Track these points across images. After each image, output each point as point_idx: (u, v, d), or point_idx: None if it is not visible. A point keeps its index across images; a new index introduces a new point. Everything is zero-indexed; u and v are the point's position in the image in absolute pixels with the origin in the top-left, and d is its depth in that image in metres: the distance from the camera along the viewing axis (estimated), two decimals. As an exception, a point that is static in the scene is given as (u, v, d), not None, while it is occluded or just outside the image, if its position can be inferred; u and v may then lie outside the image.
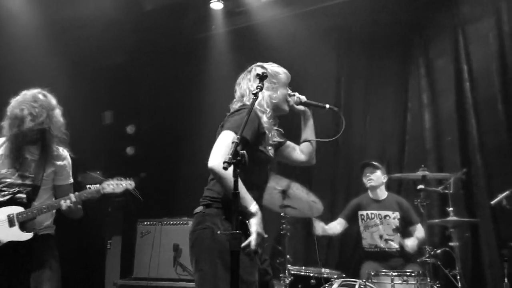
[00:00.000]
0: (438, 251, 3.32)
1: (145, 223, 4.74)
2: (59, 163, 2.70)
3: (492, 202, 3.67)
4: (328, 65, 5.47)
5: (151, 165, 5.92)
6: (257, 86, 1.96)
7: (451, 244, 3.46)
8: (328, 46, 5.42)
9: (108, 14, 4.98)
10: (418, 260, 3.38)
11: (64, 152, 2.74)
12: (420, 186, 3.40)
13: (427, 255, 3.15)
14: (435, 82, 4.86)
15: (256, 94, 1.92)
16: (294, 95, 2.38)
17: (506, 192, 3.58)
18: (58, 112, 2.70)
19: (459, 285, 3.25)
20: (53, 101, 2.72)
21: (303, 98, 2.36)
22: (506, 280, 3.43)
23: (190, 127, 5.97)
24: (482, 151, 4.44)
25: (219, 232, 1.88)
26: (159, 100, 6.24)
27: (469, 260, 4.18)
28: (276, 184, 3.54)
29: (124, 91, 6.08)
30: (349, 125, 5.26)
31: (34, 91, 2.69)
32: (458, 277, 3.31)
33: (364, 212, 3.99)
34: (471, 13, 4.76)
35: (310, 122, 2.39)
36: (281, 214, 3.57)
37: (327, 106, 2.19)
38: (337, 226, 4.07)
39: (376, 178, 3.97)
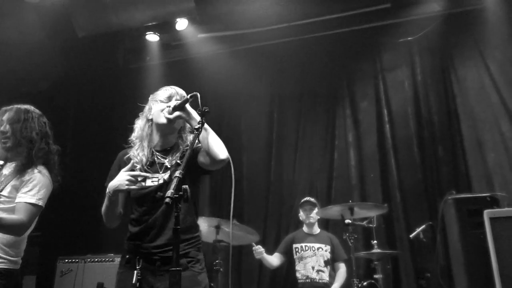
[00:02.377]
0: (365, 283, 3.48)
1: (66, 260, 4.38)
2: None
3: (411, 236, 3.97)
4: (261, 101, 5.66)
5: (74, 196, 5.57)
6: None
7: (375, 276, 3.65)
8: (262, 83, 5.63)
9: (35, 38, 4.74)
10: (346, 293, 3.52)
11: None
12: (348, 221, 3.57)
13: (354, 287, 3.29)
14: (360, 122, 5.23)
15: (198, 129, 1.94)
16: (168, 106, 2.22)
17: (423, 226, 3.91)
18: None
19: (383, 315, 3.42)
20: None
21: (172, 103, 2.22)
22: (424, 309, 3.67)
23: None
24: (401, 188, 4.81)
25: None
26: (85, 129, 5.98)
27: (391, 291, 4.42)
28: (208, 222, 3.54)
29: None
30: (280, 162, 5.44)
31: None
32: (384, 308, 3.48)
33: (299, 245, 4.10)
34: (390, 62, 5.28)
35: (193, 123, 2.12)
36: (216, 247, 3.53)
37: (188, 96, 2.06)
38: (274, 259, 4.11)
39: (314, 215, 4.13)
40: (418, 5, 5.00)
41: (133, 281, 1.90)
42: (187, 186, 1.64)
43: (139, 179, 2.02)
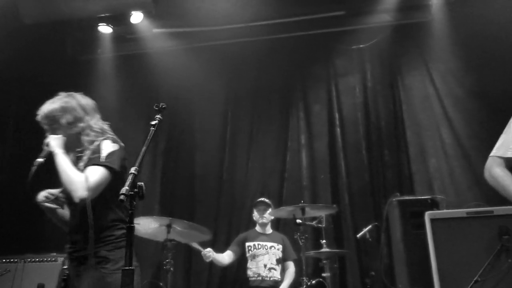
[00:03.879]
0: (313, 281, 3.57)
1: (3, 260, 4.12)
2: None
3: (358, 235, 4.13)
4: (216, 100, 5.64)
5: (13, 191, 5.25)
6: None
7: (323, 274, 3.75)
8: (217, 82, 5.60)
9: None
10: (295, 291, 3.59)
11: None
12: (299, 221, 3.64)
13: (304, 286, 3.36)
14: (312, 125, 5.35)
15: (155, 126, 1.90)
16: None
17: (369, 227, 4.07)
18: None
19: (330, 313, 3.52)
20: None
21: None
22: (368, 306, 3.82)
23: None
24: (349, 190, 4.98)
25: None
26: (27, 122, 5.65)
27: (337, 289, 4.55)
28: (159, 221, 3.48)
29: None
30: (233, 161, 5.45)
31: None
32: (329, 305, 3.59)
33: (252, 243, 4.11)
34: (343, 68, 5.45)
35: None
36: (165, 247, 3.46)
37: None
38: (225, 257, 4.10)
39: (268, 216, 4.16)
40: (371, 14, 5.20)
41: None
42: (142, 183, 1.61)
43: (51, 197, 2.07)
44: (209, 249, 3.85)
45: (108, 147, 2.03)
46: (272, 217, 4.21)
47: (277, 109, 5.54)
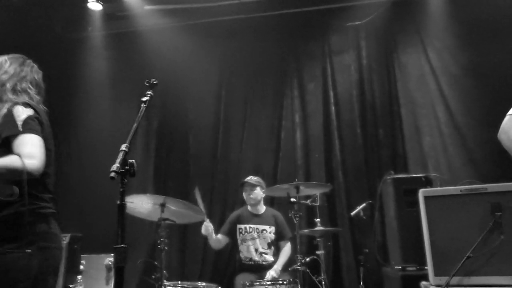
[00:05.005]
0: (308, 259, 3.59)
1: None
2: None
3: (351, 213, 4.15)
4: (209, 78, 5.56)
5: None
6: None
7: (317, 252, 3.78)
8: (210, 61, 5.52)
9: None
10: (289, 269, 3.60)
11: None
12: (293, 199, 3.63)
13: (298, 264, 3.38)
14: (307, 103, 5.31)
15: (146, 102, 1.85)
16: None
17: (363, 205, 4.09)
18: None
19: (323, 289, 3.57)
20: None
21: None
22: (361, 283, 3.86)
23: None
24: (343, 169, 4.98)
25: None
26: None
27: (330, 266, 4.60)
28: (153, 200, 3.45)
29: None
30: (227, 140, 5.42)
31: None
32: (323, 282, 3.62)
33: (243, 226, 4.09)
34: (338, 45, 5.37)
35: None
36: (159, 226, 3.45)
37: None
38: (221, 240, 4.10)
39: (255, 196, 4.10)
40: (367, -10, 5.11)
41: None
42: (133, 160, 1.57)
43: None
44: (208, 223, 3.82)
45: (21, 112, 1.86)
46: (263, 195, 4.15)
47: (271, 87, 5.49)
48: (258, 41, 5.44)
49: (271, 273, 3.71)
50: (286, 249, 3.99)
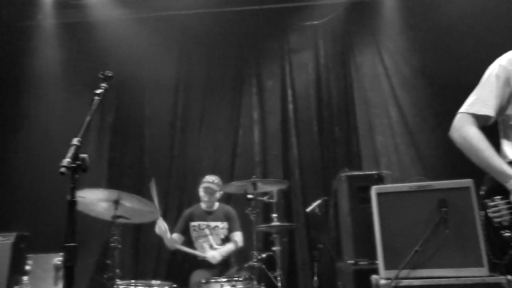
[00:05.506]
0: (264, 255, 3.62)
1: None
2: None
3: (307, 210, 4.22)
4: (167, 73, 5.46)
5: None
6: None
7: (273, 248, 3.81)
8: (168, 55, 5.41)
9: None
10: (245, 265, 3.61)
11: None
12: (250, 196, 3.64)
13: (254, 260, 3.39)
14: (265, 101, 5.35)
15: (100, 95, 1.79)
16: None
17: (318, 201, 4.17)
18: None
19: (279, 285, 3.59)
20: None
21: None
22: (316, 278, 3.94)
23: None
24: (300, 166, 5.06)
25: None
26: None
27: (286, 262, 4.67)
28: (106, 195, 3.34)
29: None
30: (184, 137, 5.35)
31: None
32: (279, 278, 3.66)
33: (196, 223, 4.06)
34: (296, 44, 5.45)
35: None
36: (113, 224, 3.35)
37: None
38: (176, 240, 4.04)
39: (214, 199, 4.09)
40: (325, -9, 5.21)
41: None
42: (86, 155, 1.51)
43: None
44: (162, 222, 3.75)
45: None
46: (219, 197, 4.14)
47: (230, 84, 5.47)
48: (218, 37, 5.41)
49: (212, 253, 3.70)
50: (235, 239, 3.95)
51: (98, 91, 1.79)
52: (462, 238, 2.76)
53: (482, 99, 1.89)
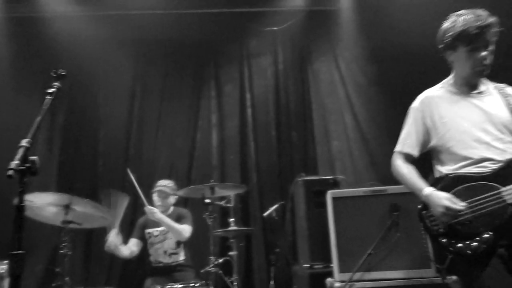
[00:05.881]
0: (221, 260, 3.59)
1: None
2: None
3: (264, 214, 4.24)
4: (123, 74, 5.31)
5: None
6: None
7: (230, 253, 3.79)
8: (125, 55, 5.27)
9: None
10: (202, 271, 3.56)
11: None
12: (207, 200, 3.61)
13: (211, 265, 3.36)
14: (223, 105, 5.34)
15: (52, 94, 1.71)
16: None
17: (276, 206, 4.21)
18: None
19: (236, 290, 3.59)
20: None
21: None
22: (272, 282, 3.96)
23: None
24: (257, 170, 5.09)
25: None
26: None
27: (243, 267, 4.66)
28: (56, 200, 3.19)
29: None
30: (140, 139, 5.22)
31: None
32: (235, 283, 3.64)
33: (150, 230, 3.94)
34: (255, 49, 5.48)
35: None
36: (62, 229, 3.20)
37: None
38: (132, 247, 3.92)
39: (166, 203, 3.97)
40: (284, -3, 5.29)
41: None
42: (36, 157, 1.44)
43: None
44: (114, 238, 3.64)
45: None
46: (174, 201, 4.04)
47: (188, 86, 5.41)
48: (176, 39, 5.33)
49: (154, 209, 3.68)
50: (183, 226, 3.82)
51: (51, 90, 1.71)
52: (411, 241, 2.88)
53: (404, 139, 2.24)
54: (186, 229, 3.83)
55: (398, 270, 2.87)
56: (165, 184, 4.04)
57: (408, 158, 2.22)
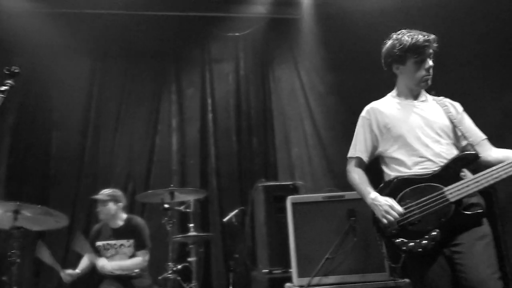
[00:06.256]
0: (179, 266, 3.53)
1: None
2: None
3: (224, 220, 4.22)
4: (80, 74, 5.13)
5: None
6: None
7: (189, 259, 3.74)
8: (82, 55, 5.11)
9: None
10: (160, 277, 3.48)
11: None
12: (166, 205, 3.55)
13: (169, 272, 3.30)
14: (184, 109, 5.28)
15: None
16: None
17: (235, 211, 4.20)
18: None
19: (194, 296, 3.54)
20: None
21: None
22: (231, 288, 3.95)
23: None
24: (218, 175, 5.06)
25: None
26: None
27: (201, 273, 4.60)
28: (4, 206, 3.04)
29: None
30: (97, 142, 5.06)
31: None
32: (194, 289, 3.60)
33: (101, 243, 3.75)
34: (217, 54, 5.48)
35: None
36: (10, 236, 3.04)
37: None
38: (87, 261, 3.76)
39: (107, 211, 3.77)
40: (247, 4, 5.32)
41: None
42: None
43: None
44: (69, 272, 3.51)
45: None
46: (118, 208, 3.81)
47: (148, 90, 5.30)
48: (137, 40, 5.23)
49: (103, 262, 3.57)
50: (138, 259, 3.68)
51: (3, 88, 1.63)
52: (367, 246, 2.97)
53: (354, 145, 2.36)
54: (140, 262, 3.68)
55: (354, 274, 2.94)
56: (103, 192, 3.87)
57: (361, 164, 2.33)
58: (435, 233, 1.99)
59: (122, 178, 4.84)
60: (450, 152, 2.13)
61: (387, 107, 2.29)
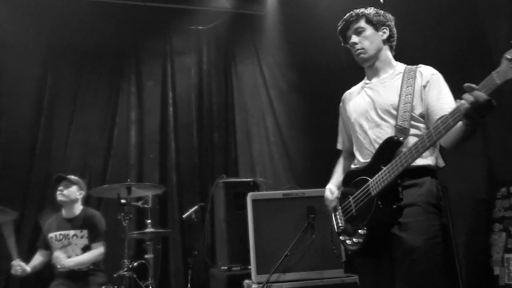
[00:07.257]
0: (135, 264, 3.43)
1: None
2: None
3: (184, 216, 4.16)
4: (32, 61, 4.85)
5: None
6: None
7: (146, 256, 3.65)
8: (36, 40, 4.83)
9: None
10: (115, 275, 3.37)
11: None
12: (123, 201, 3.45)
13: (125, 269, 3.20)
14: (144, 101, 5.13)
15: None
16: None
17: (195, 207, 4.15)
18: None
19: (151, 294, 3.46)
20: None
21: None
22: (189, 285, 3.89)
23: None
24: (177, 170, 4.97)
25: None
26: None
27: (158, 270, 4.51)
28: None
29: None
30: (50, 133, 4.82)
31: None
32: (150, 287, 3.51)
33: (53, 234, 3.59)
34: (179, 47, 5.36)
35: None
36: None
37: None
38: (40, 258, 3.58)
39: (69, 193, 3.62)
40: (211, -3, 5.26)
41: None
42: None
43: None
44: (21, 264, 3.32)
45: None
46: (79, 196, 3.69)
47: (106, 80, 5.10)
48: (95, 28, 5.01)
49: (60, 256, 3.42)
50: (94, 251, 3.56)
51: None
52: (326, 243, 3.01)
53: (338, 136, 2.35)
54: (96, 255, 3.55)
55: (313, 270, 2.98)
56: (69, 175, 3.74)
57: (346, 154, 2.29)
58: (362, 231, 1.86)
59: (77, 172, 4.64)
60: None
61: (353, 93, 2.19)
